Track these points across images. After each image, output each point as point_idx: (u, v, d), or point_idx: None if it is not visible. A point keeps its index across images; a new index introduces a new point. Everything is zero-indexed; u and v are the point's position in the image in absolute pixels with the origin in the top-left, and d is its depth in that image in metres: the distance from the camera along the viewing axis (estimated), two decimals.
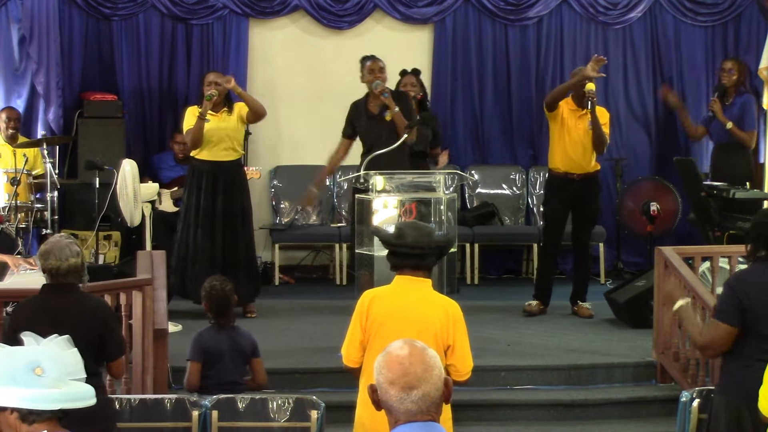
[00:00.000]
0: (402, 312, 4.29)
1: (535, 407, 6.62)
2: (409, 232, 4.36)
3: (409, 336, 4.23)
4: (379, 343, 4.30)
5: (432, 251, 4.35)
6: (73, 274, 4.75)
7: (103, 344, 4.73)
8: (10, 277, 6.42)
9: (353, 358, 4.36)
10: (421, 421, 2.64)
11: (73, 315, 4.68)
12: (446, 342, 4.24)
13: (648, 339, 7.05)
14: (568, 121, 7.91)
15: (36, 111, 9.46)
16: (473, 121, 10.19)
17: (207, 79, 7.92)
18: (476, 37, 10.10)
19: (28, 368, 2.76)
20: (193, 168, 7.98)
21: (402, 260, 4.36)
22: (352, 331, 4.37)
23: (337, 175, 9.82)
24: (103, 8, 9.66)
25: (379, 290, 4.47)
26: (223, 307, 5.67)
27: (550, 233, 8.19)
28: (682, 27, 10.26)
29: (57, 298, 4.74)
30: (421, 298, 4.33)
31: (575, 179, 7.97)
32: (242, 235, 7.96)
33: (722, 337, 4.38)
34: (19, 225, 8.20)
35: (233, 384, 5.53)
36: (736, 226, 7.95)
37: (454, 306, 4.35)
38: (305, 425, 5.08)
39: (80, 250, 4.81)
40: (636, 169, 10.17)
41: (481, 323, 7.86)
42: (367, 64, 7.48)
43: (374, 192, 6.43)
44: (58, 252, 4.73)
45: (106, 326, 4.76)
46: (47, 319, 4.61)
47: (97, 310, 4.78)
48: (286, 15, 9.98)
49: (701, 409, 5.12)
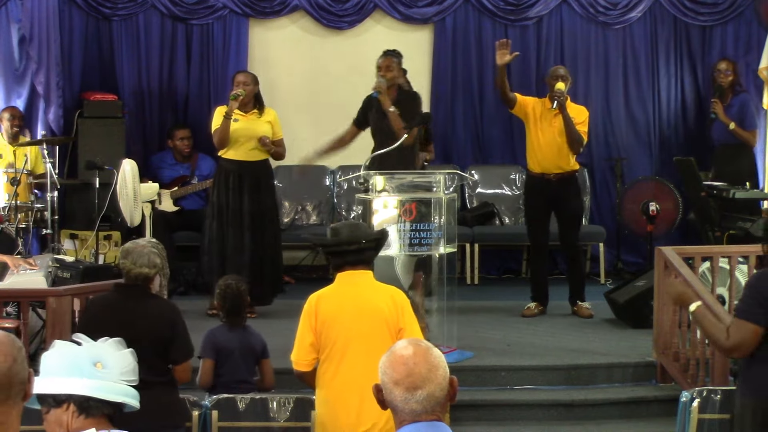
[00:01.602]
0: (350, 305, 4.44)
1: (535, 407, 6.61)
2: (343, 230, 4.54)
3: (361, 326, 4.36)
4: (332, 340, 4.42)
5: (368, 244, 4.53)
6: (142, 283, 4.80)
7: (169, 347, 4.78)
8: (10, 277, 6.43)
9: (305, 360, 4.48)
10: (426, 421, 2.64)
11: (140, 315, 4.74)
12: (397, 326, 4.39)
13: (648, 339, 7.05)
14: (541, 122, 7.89)
15: (36, 111, 9.46)
16: (473, 121, 10.19)
17: (236, 80, 7.95)
18: (476, 37, 10.11)
19: (91, 362, 2.81)
20: (220, 167, 8.01)
21: (342, 258, 4.52)
22: (301, 335, 4.49)
23: (337, 175, 9.83)
24: (103, 8, 9.66)
25: (324, 291, 4.57)
26: (237, 306, 5.68)
27: (533, 234, 8.19)
28: (682, 27, 10.26)
29: (127, 298, 4.81)
30: (366, 289, 4.50)
31: (552, 180, 7.94)
32: (268, 235, 7.98)
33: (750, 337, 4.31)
34: (19, 225, 8.19)
35: (243, 383, 5.52)
36: (736, 226, 7.95)
37: (400, 293, 4.54)
38: (305, 425, 5.08)
39: (160, 264, 4.85)
40: (636, 169, 10.17)
41: (481, 323, 7.86)
42: (379, 61, 7.49)
43: (374, 192, 6.43)
44: (137, 256, 4.80)
45: (173, 330, 4.81)
46: (116, 318, 4.69)
47: (165, 313, 4.84)
48: (286, 15, 9.99)
49: (701, 409, 5.12)
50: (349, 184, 8.66)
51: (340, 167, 9.80)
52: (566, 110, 7.75)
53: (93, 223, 8.29)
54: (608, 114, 10.21)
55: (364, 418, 4.32)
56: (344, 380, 4.39)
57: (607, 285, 9.13)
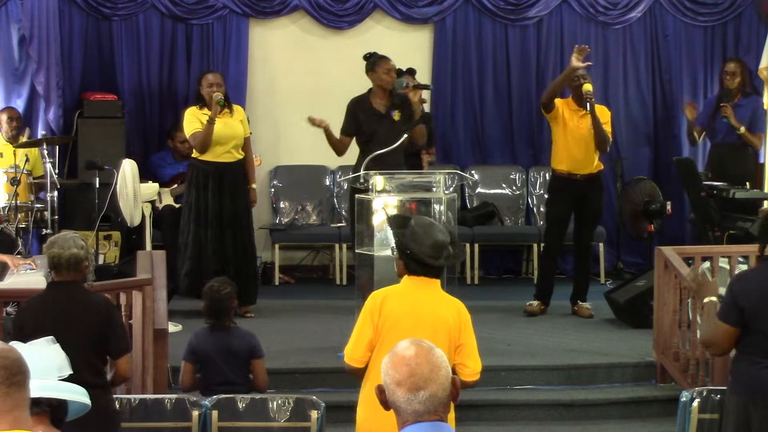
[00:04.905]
0: (415, 311, 4.29)
1: (535, 407, 6.62)
2: (428, 243, 4.28)
3: (422, 334, 4.23)
4: (390, 342, 4.28)
5: (448, 265, 4.40)
6: (74, 267, 4.76)
7: (107, 341, 4.76)
8: (10, 277, 6.43)
9: (358, 357, 4.30)
10: (429, 421, 2.64)
11: (76, 312, 4.71)
12: (458, 341, 4.26)
13: (648, 339, 7.05)
14: (569, 122, 7.92)
15: (36, 111, 9.46)
16: (473, 121, 10.19)
17: (207, 81, 7.89)
18: (476, 37, 10.10)
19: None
20: (195, 169, 7.93)
21: (423, 269, 4.33)
22: (360, 330, 4.30)
23: (337, 175, 9.83)
24: (103, 8, 9.66)
25: (391, 289, 4.41)
26: (218, 309, 5.67)
27: (552, 234, 8.20)
28: (682, 27, 10.26)
29: (61, 296, 4.77)
30: (433, 298, 4.35)
31: (578, 179, 7.98)
32: (246, 236, 7.98)
33: (721, 336, 4.40)
34: (19, 225, 8.19)
35: (224, 385, 5.52)
36: (736, 226, 7.95)
37: (464, 307, 4.39)
38: (305, 425, 5.08)
39: (86, 246, 4.84)
40: (636, 169, 10.17)
41: (481, 323, 7.77)
42: (389, 64, 7.44)
43: (374, 192, 6.42)
44: (62, 241, 4.79)
45: (110, 323, 4.79)
46: (51, 317, 4.67)
47: (100, 307, 4.81)
48: (286, 15, 9.98)
49: (701, 409, 5.12)
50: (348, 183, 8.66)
51: (340, 167, 9.80)
52: (596, 111, 7.78)
53: (93, 223, 8.28)
54: None
55: None
56: None
57: (607, 285, 9.13)
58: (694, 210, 8.69)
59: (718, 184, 8.38)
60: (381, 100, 7.44)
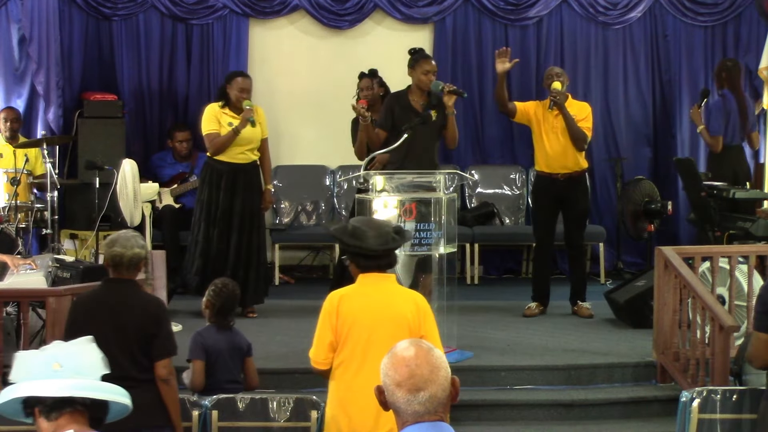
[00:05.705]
0: (372, 308, 4.36)
1: (535, 407, 6.61)
2: (370, 232, 4.39)
3: (382, 330, 4.30)
4: (352, 341, 4.35)
5: (395, 244, 4.44)
6: (135, 266, 4.81)
7: (152, 341, 4.76)
8: (10, 277, 6.43)
9: (322, 359, 4.40)
10: (429, 422, 2.64)
11: (128, 310, 4.74)
12: (419, 333, 4.31)
13: (648, 339, 7.05)
14: (543, 123, 7.95)
15: (36, 111, 9.46)
16: (473, 121, 10.19)
17: (238, 84, 7.83)
18: (476, 37, 10.11)
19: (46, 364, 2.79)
20: (210, 168, 7.95)
21: (373, 261, 4.41)
22: (320, 333, 4.40)
23: (337, 175, 9.83)
24: (103, 8, 9.66)
25: (346, 290, 4.47)
26: (230, 307, 5.69)
27: (540, 234, 8.21)
28: (682, 27, 10.26)
29: (116, 293, 4.79)
30: (389, 293, 4.42)
31: (560, 179, 7.98)
32: (256, 236, 7.98)
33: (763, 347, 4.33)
34: (19, 225, 8.18)
35: (233, 383, 5.53)
36: (736, 226, 7.95)
37: (423, 299, 4.46)
38: (305, 425, 5.08)
39: (145, 245, 4.88)
40: (636, 169, 10.17)
41: (481, 323, 7.87)
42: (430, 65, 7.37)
43: (374, 192, 6.42)
44: (124, 240, 4.80)
45: (158, 324, 4.79)
46: (104, 313, 4.68)
47: (151, 307, 4.83)
48: (286, 15, 9.99)
49: (701, 409, 5.12)
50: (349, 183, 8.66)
51: (340, 167, 9.80)
52: (565, 109, 7.82)
53: (93, 223, 8.27)
54: (608, 114, 10.21)
55: (382, 422, 4.26)
56: (364, 383, 4.23)
57: (607, 285, 9.14)
58: (694, 210, 8.68)
59: (718, 184, 8.37)
60: (418, 99, 7.43)
